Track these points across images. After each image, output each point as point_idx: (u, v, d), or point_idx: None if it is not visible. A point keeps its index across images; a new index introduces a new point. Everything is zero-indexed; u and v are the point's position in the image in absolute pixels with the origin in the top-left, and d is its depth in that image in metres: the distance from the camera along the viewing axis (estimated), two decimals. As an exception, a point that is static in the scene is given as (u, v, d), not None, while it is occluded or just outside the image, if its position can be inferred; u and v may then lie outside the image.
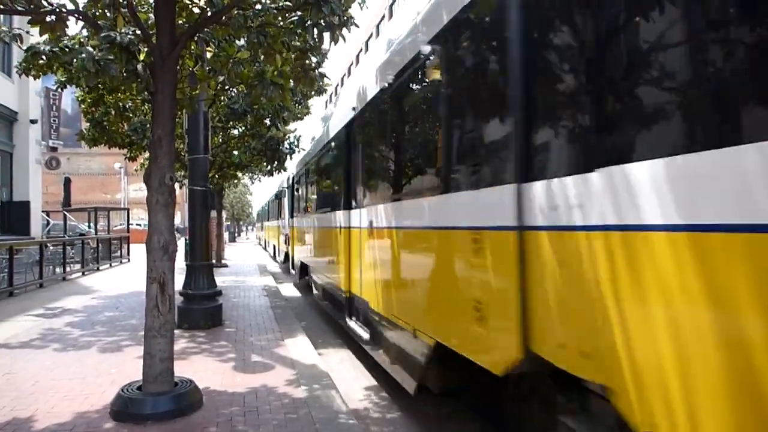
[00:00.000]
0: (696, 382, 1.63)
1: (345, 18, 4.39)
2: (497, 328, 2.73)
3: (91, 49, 3.69)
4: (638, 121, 1.92)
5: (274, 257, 21.55)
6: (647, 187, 1.78)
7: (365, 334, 5.56)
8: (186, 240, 8.16)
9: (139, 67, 4.06)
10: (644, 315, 1.81)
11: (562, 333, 2.24)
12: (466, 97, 3.28)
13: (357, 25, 4.73)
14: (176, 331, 6.37)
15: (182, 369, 4.72)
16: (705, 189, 1.61)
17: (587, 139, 2.16)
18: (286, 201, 15.55)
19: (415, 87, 4.44)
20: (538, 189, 2.38)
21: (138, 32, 4.07)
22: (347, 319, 6.37)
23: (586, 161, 2.10)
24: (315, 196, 9.66)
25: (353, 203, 6.20)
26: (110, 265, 17.16)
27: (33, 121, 15.94)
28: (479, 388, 3.62)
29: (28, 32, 4.67)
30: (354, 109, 6.16)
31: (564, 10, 2.35)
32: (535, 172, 2.43)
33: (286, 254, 14.93)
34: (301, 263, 11.03)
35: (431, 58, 3.81)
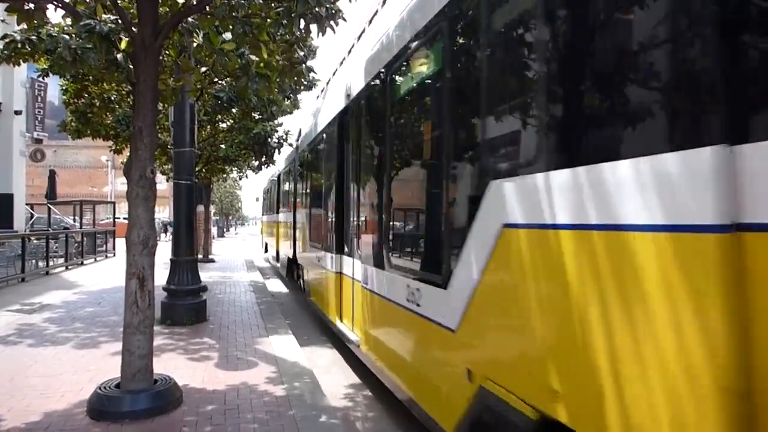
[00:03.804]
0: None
1: (333, 11, 4.31)
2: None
3: (67, 37, 3.57)
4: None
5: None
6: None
7: None
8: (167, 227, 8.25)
9: (120, 56, 3.96)
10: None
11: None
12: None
13: (345, 19, 4.65)
14: (158, 327, 6.30)
15: (163, 366, 4.64)
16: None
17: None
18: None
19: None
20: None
21: (119, 21, 3.97)
22: None
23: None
24: None
25: None
26: (95, 259, 16.94)
27: (17, 112, 15.68)
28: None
29: (3, 20, 4.54)
30: None
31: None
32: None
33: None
34: None
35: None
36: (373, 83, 4.71)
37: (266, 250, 18.90)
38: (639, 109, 1.74)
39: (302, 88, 11.16)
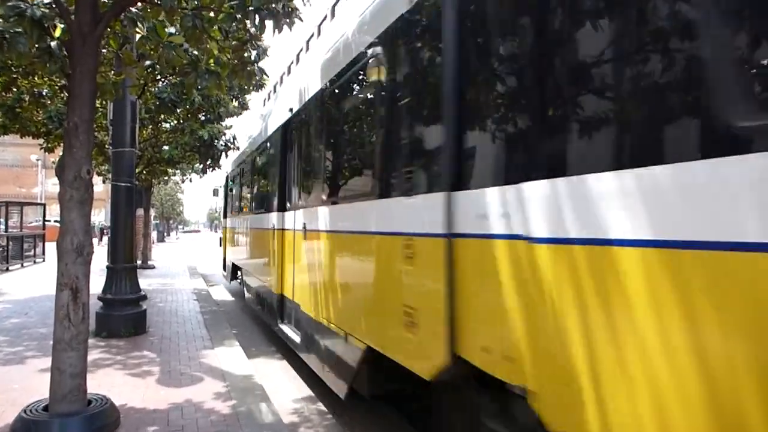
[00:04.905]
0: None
1: (290, 9, 4.13)
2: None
3: (-7, 19, 3.21)
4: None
5: None
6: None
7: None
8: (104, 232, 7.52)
9: (54, 44, 3.60)
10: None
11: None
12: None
13: (301, 19, 4.49)
14: (93, 340, 5.84)
15: (98, 383, 4.27)
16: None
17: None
18: None
19: None
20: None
21: (53, 5, 3.61)
22: None
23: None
24: None
25: None
26: (22, 264, 15.83)
27: (-66, 105, 14.40)
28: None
29: None
30: None
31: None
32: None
33: None
34: None
35: None
36: None
37: (234, 277, 11.41)
38: None
39: (251, 88, 10.83)
